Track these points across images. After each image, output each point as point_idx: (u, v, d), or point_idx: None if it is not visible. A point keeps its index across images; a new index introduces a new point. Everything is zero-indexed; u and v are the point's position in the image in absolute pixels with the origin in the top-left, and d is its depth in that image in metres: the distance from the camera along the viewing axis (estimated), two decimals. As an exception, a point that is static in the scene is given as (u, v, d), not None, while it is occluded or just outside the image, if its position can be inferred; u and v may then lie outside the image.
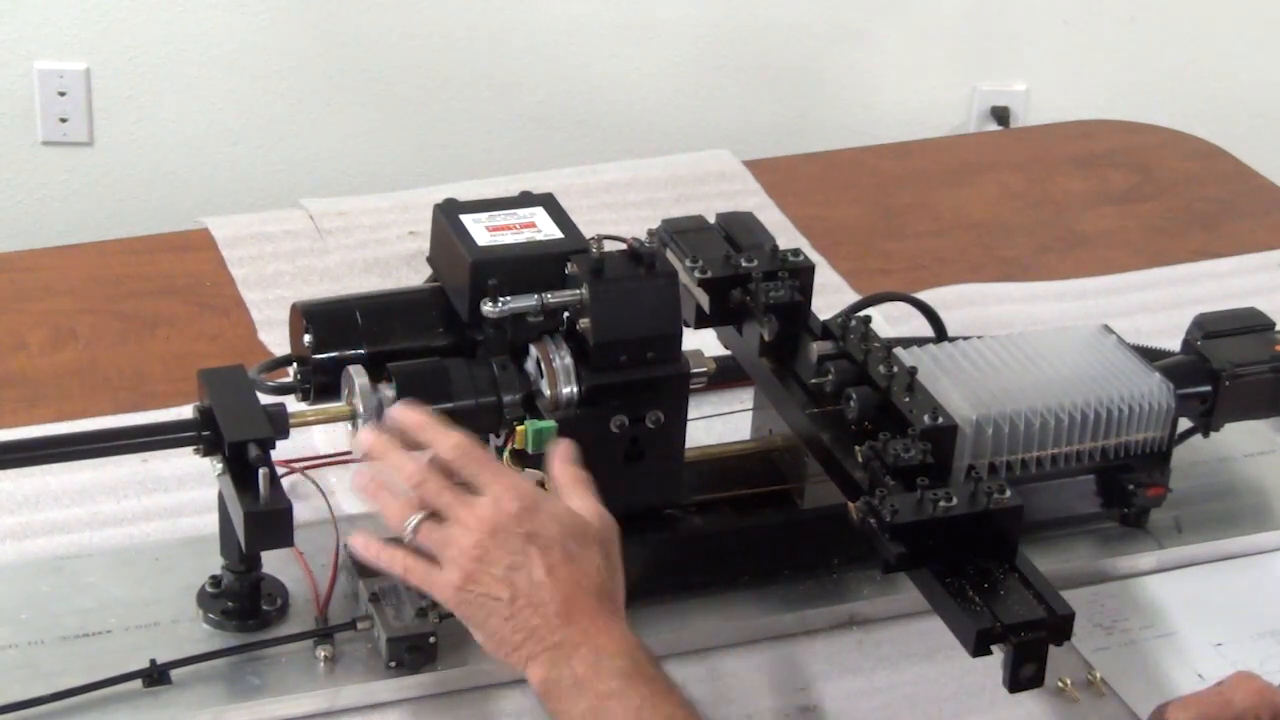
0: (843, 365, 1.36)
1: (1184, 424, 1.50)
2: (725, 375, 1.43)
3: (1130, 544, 1.50)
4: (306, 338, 1.33)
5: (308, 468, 1.48)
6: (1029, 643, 1.20)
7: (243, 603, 1.34)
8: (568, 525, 1.19)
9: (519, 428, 1.30)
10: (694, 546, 1.40)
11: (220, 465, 1.26)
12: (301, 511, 1.34)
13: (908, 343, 1.47)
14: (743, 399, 1.54)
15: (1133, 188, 2.13)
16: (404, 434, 1.23)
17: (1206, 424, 1.52)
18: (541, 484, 1.32)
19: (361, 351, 1.33)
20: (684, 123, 3.08)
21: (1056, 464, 1.43)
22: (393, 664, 1.32)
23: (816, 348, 1.38)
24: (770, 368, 1.40)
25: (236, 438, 1.25)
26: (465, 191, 1.57)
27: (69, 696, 1.27)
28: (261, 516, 1.23)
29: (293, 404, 1.33)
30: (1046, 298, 1.88)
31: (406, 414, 1.23)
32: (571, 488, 1.23)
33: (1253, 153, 2.27)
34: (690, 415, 1.35)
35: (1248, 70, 3.15)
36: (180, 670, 1.30)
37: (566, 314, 1.32)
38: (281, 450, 1.29)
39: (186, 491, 1.49)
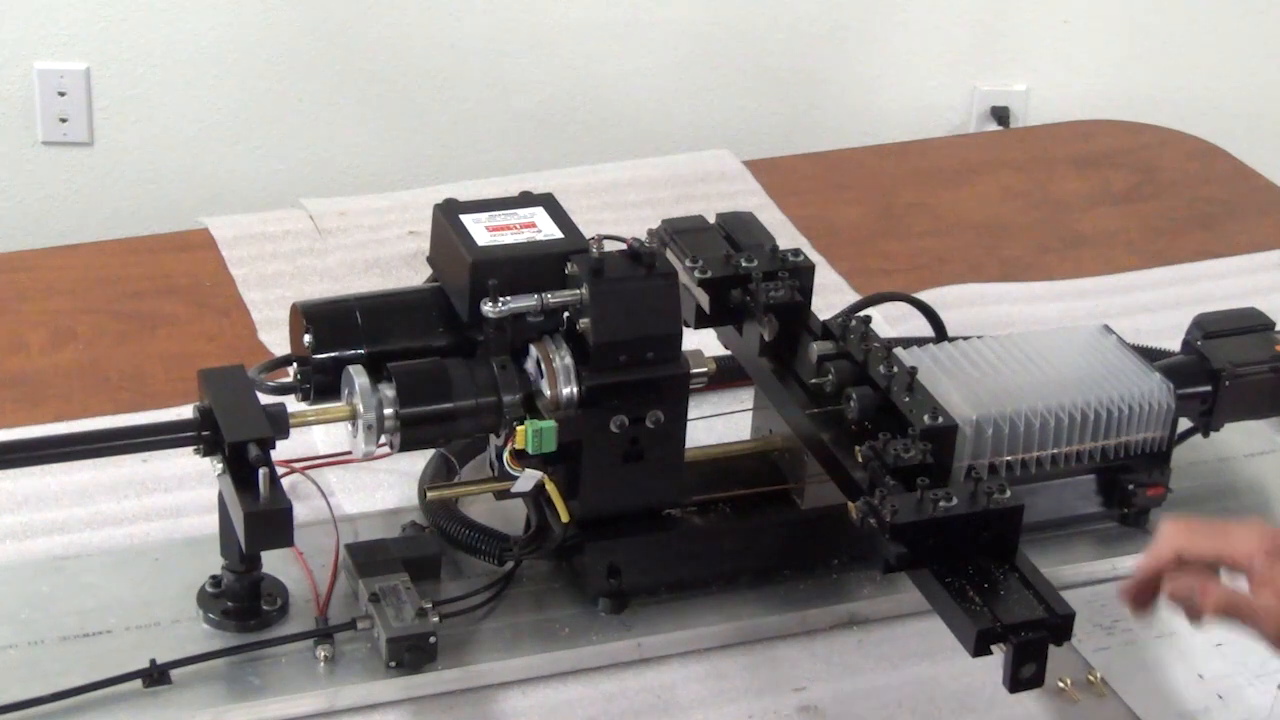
0: (843, 365, 1.36)
1: (1184, 424, 1.50)
2: (725, 375, 1.43)
3: (1130, 544, 1.49)
4: (306, 338, 1.33)
5: (308, 468, 1.48)
6: (1029, 643, 1.19)
7: (243, 603, 1.34)
8: None
9: (519, 428, 1.30)
10: (694, 546, 1.40)
11: (220, 465, 1.26)
12: (301, 511, 1.34)
13: (908, 343, 1.47)
14: (743, 399, 1.54)
15: (1133, 188, 2.13)
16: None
17: (1206, 424, 1.52)
18: (542, 484, 1.33)
19: (361, 351, 1.33)
20: (684, 123, 3.08)
21: (1056, 464, 1.43)
22: (393, 664, 1.31)
23: (816, 348, 1.38)
24: (770, 368, 1.40)
25: (236, 438, 1.25)
26: (465, 191, 1.57)
27: (69, 696, 1.27)
28: (261, 516, 1.23)
29: (293, 404, 1.32)
30: (1046, 298, 1.88)
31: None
32: None
33: (1253, 153, 2.27)
34: (690, 415, 1.35)
35: (1248, 70, 3.16)
36: (180, 670, 1.30)
37: (566, 314, 1.32)
38: (281, 450, 1.29)
39: (186, 491, 1.49)
